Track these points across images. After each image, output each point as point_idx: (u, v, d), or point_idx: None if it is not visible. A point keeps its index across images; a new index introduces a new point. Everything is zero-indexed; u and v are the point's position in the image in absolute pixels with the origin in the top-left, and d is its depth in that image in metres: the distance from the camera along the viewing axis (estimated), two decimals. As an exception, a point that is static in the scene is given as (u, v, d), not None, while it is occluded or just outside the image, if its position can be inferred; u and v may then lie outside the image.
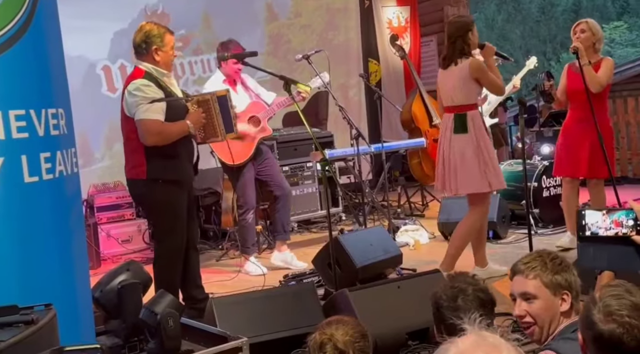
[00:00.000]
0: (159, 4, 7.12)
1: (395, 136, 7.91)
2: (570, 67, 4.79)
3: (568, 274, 2.14)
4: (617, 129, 7.98)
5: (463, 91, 4.14)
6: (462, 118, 4.13)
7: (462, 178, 4.12)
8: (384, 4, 8.66)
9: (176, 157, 3.51)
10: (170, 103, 3.50)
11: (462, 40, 4.11)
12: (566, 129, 4.84)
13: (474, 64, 4.09)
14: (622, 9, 28.41)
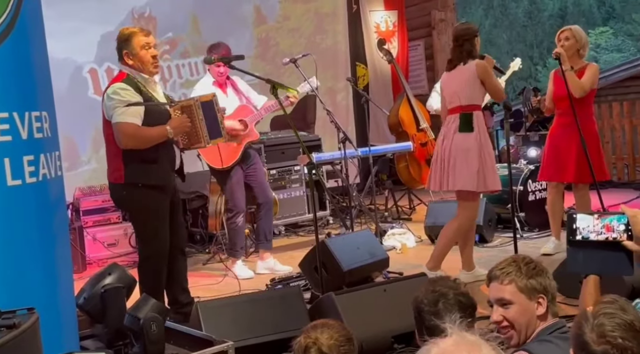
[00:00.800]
0: (147, 7, 7.10)
1: (383, 139, 7.93)
2: (556, 72, 4.82)
3: (542, 278, 2.17)
4: (601, 133, 8.03)
5: (470, 91, 4.21)
6: (468, 117, 4.19)
7: (461, 174, 4.16)
8: (372, 9, 8.69)
9: (156, 162, 3.48)
10: (150, 108, 3.47)
11: (469, 44, 4.21)
12: (552, 133, 4.88)
13: (480, 65, 4.17)
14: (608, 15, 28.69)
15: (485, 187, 4.21)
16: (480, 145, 4.16)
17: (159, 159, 3.49)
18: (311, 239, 5.41)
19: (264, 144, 6.38)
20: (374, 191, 6.23)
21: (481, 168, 4.14)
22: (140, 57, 3.49)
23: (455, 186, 4.23)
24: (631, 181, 7.74)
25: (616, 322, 1.56)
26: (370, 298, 3.32)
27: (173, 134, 3.47)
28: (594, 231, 1.82)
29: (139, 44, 3.49)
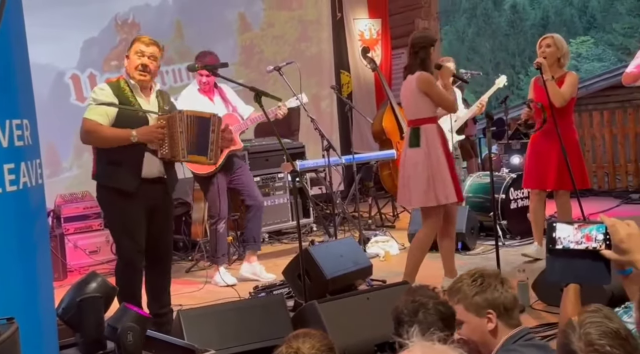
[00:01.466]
0: (130, 13, 7.08)
1: (366, 147, 7.96)
2: (537, 81, 4.88)
3: (488, 294, 2.20)
4: (582, 142, 8.13)
5: (413, 105, 4.17)
6: (416, 132, 4.16)
7: (414, 191, 4.16)
8: (356, 17, 8.73)
9: (117, 165, 3.48)
10: (124, 112, 3.47)
11: (424, 52, 4.14)
12: (533, 142, 4.92)
13: (421, 77, 4.09)
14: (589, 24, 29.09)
15: (437, 201, 4.11)
16: (428, 160, 4.10)
17: (120, 162, 3.48)
18: (294, 246, 5.41)
19: (247, 151, 6.38)
20: (357, 199, 6.25)
21: (430, 184, 4.10)
22: (130, 61, 3.56)
23: (411, 203, 4.28)
24: (611, 190, 7.83)
25: (602, 330, 1.56)
26: (353, 306, 3.32)
27: (137, 139, 3.43)
28: (574, 241, 1.83)
29: (135, 49, 3.55)
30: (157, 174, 3.58)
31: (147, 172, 3.53)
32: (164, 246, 3.71)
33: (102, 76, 6.86)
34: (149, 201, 3.56)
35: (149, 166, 3.54)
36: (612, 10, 28.54)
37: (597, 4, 29.12)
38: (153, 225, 3.60)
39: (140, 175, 3.51)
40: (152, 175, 3.55)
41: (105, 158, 3.51)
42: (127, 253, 3.54)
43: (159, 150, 3.50)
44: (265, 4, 8.14)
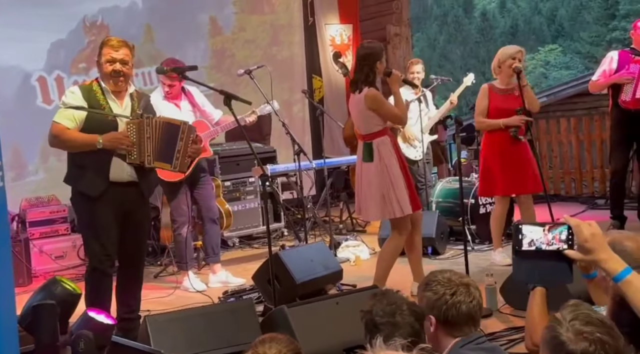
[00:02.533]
0: (99, 15, 6.99)
1: (338, 152, 7.97)
2: (491, 88, 4.92)
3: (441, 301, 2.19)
4: (550, 148, 8.28)
5: (364, 121, 4.15)
6: (369, 146, 4.14)
7: (371, 206, 4.16)
8: (327, 22, 8.75)
9: (83, 169, 3.46)
10: (93, 116, 3.44)
11: (368, 68, 4.07)
12: (503, 148, 4.88)
13: (369, 96, 4.04)
14: (557, 33, 29.65)
15: (393, 215, 4.12)
16: (382, 173, 4.09)
17: (85, 166, 3.45)
18: (265, 251, 5.36)
19: (218, 156, 6.34)
20: (328, 203, 6.25)
21: (387, 197, 4.09)
22: (102, 69, 3.51)
23: (368, 216, 4.29)
24: (578, 195, 7.95)
25: (588, 320, 1.58)
26: (322, 310, 3.31)
27: (102, 144, 3.39)
28: (545, 242, 1.86)
29: (105, 57, 3.49)
30: (128, 179, 3.52)
31: (116, 176, 3.48)
32: (137, 251, 3.66)
33: (69, 78, 6.75)
34: (120, 205, 3.51)
35: (118, 170, 3.48)
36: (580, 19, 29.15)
37: (565, 13, 29.72)
38: (126, 229, 3.55)
39: (108, 179, 3.46)
40: (122, 179, 3.50)
41: (73, 161, 3.51)
42: (95, 257, 3.50)
43: (127, 156, 3.46)
44: (237, 8, 8.11)
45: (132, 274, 3.68)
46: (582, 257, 1.81)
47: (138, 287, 3.74)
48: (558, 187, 8.26)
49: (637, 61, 5.51)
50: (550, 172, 8.28)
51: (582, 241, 1.79)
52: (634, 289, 1.72)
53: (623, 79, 5.47)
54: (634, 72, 5.45)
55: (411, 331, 2.28)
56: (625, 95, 5.48)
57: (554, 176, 8.26)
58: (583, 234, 1.78)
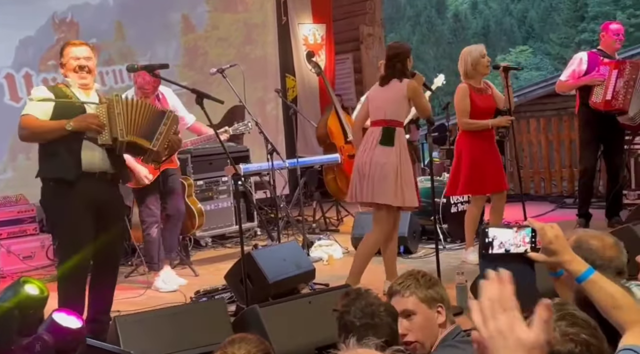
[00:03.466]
0: (68, 12, 6.88)
1: (311, 151, 7.97)
2: (470, 88, 4.96)
3: (439, 288, 2.32)
4: (520, 148, 8.40)
5: (396, 107, 4.28)
6: (391, 132, 4.25)
7: (379, 188, 4.20)
8: (301, 21, 8.75)
9: (55, 156, 3.43)
10: (62, 105, 3.43)
11: (401, 64, 4.31)
12: (482, 147, 4.92)
13: (412, 85, 4.26)
14: (528, 34, 30.05)
15: (402, 203, 4.24)
16: (399, 161, 4.22)
17: (59, 152, 3.42)
18: (238, 250, 5.34)
19: (191, 155, 6.29)
20: (301, 203, 6.25)
21: (399, 183, 4.19)
22: (66, 67, 3.56)
23: (375, 199, 4.26)
24: (547, 194, 8.08)
25: (574, 321, 1.58)
26: (294, 309, 3.31)
27: (72, 127, 3.37)
28: (514, 244, 1.88)
29: (68, 54, 3.56)
30: (100, 168, 3.48)
31: (87, 163, 3.44)
32: (113, 249, 3.62)
33: (38, 76, 6.64)
34: (94, 198, 3.46)
35: (89, 156, 3.44)
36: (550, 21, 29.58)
37: (535, 15, 30.14)
38: (102, 227, 3.51)
39: (80, 165, 3.42)
40: (93, 168, 3.45)
41: (44, 151, 3.49)
42: (68, 254, 3.43)
43: (98, 137, 3.43)
44: (210, 6, 8.06)
45: (107, 274, 3.65)
46: (546, 259, 1.84)
47: (112, 287, 3.71)
48: (528, 187, 8.38)
49: (607, 63, 5.61)
50: (521, 171, 8.39)
51: (546, 243, 1.82)
52: (598, 288, 1.76)
53: (595, 81, 5.55)
54: (604, 74, 5.55)
55: (389, 331, 2.29)
56: (596, 97, 5.58)
57: (524, 176, 8.37)
58: (547, 237, 1.81)
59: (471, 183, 4.96)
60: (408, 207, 4.41)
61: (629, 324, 1.66)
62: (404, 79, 4.28)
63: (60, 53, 3.63)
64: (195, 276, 5.23)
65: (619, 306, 1.69)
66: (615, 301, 1.69)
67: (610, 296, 1.70)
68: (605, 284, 1.74)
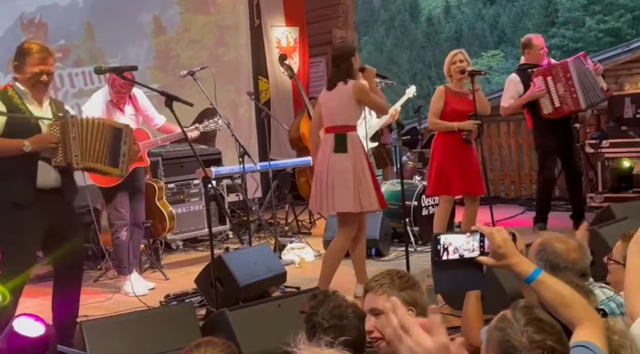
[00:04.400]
0: (37, 13, 6.77)
1: (285, 154, 7.97)
2: (448, 90, 4.99)
3: (413, 291, 2.29)
4: (490, 151, 8.50)
5: (345, 112, 4.24)
6: (342, 138, 4.21)
7: (339, 197, 4.18)
8: (274, 24, 8.74)
9: (8, 175, 3.31)
10: (14, 120, 3.33)
11: (345, 64, 4.25)
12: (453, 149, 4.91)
13: (357, 86, 4.20)
14: (499, 39, 30.43)
15: (361, 208, 4.21)
16: (355, 166, 4.19)
17: (11, 173, 3.32)
18: (209, 254, 5.32)
19: (162, 157, 6.24)
20: (274, 206, 6.23)
21: (356, 189, 4.17)
22: (27, 77, 3.42)
23: (335, 209, 4.25)
24: (517, 197, 8.18)
25: (541, 326, 1.61)
26: (264, 313, 3.30)
27: (30, 148, 3.29)
28: (468, 249, 1.90)
29: (33, 60, 3.41)
30: (54, 184, 3.43)
31: (42, 182, 3.39)
32: (74, 256, 3.56)
33: (5, 78, 6.50)
34: (48, 213, 3.41)
35: (44, 175, 3.39)
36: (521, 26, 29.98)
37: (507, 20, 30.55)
38: (59, 236, 3.46)
39: (35, 185, 3.35)
40: (47, 185, 3.40)
41: None
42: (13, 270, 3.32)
43: (52, 158, 3.36)
44: (182, 8, 8.00)
45: (71, 280, 3.59)
46: (495, 262, 1.87)
47: (78, 293, 3.65)
48: (498, 190, 8.48)
49: (537, 73, 5.69)
50: (491, 174, 8.49)
51: (495, 248, 1.84)
52: (546, 287, 1.79)
53: (536, 95, 5.64)
54: (541, 86, 5.64)
55: (357, 333, 2.30)
56: (545, 108, 5.69)
57: (495, 179, 8.47)
58: (496, 241, 1.83)
59: (438, 184, 4.96)
60: (367, 211, 4.34)
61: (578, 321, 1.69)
62: (350, 80, 4.22)
63: (19, 55, 3.45)
64: (166, 280, 5.20)
65: (568, 304, 1.72)
66: (564, 299, 1.73)
67: (558, 295, 1.74)
68: (554, 283, 1.77)
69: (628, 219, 4.52)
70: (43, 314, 3.35)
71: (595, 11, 27.89)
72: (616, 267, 2.62)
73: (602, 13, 27.78)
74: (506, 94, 5.90)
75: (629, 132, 6.64)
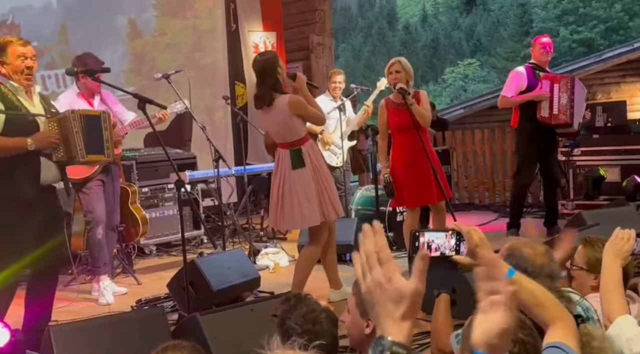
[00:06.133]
0: (9, 14, 6.68)
1: (262, 159, 7.94)
2: (388, 103, 4.92)
3: None
4: (465, 158, 8.58)
5: (290, 129, 4.09)
6: (298, 153, 4.09)
7: (306, 212, 4.09)
8: (251, 29, 8.73)
9: (12, 173, 3.31)
10: (13, 117, 3.30)
11: (272, 78, 4.02)
12: (404, 160, 4.85)
13: (292, 101, 4.01)
14: (475, 48, 30.81)
15: (324, 218, 4.15)
16: (316, 177, 4.11)
17: (15, 170, 3.31)
18: (182, 259, 5.29)
19: (136, 161, 6.19)
20: (248, 210, 6.21)
21: (325, 199, 4.13)
22: (15, 66, 3.40)
23: (303, 225, 4.20)
24: (491, 204, 8.26)
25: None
26: (236, 317, 3.27)
27: (34, 146, 3.31)
28: (448, 248, 1.92)
29: (14, 53, 3.41)
30: (53, 180, 3.46)
31: (44, 178, 3.40)
32: (56, 257, 3.54)
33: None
34: (47, 211, 3.44)
35: (45, 171, 3.41)
36: (497, 36, 30.41)
37: (482, 29, 30.95)
38: (47, 235, 3.45)
39: (39, 182, 3.36)
40: (48, 181, 3.44)
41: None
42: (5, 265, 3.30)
43: (53, 154, 3.36)
44: (158, 11, 7.96)
45: (48, 282, 3.57)
46: (471, 262, 1.88)
47: (53, 295, 3.64)
48: (472, 196, 8.56)
49: (547, 77, 5.78)
50: (466, 181, 8.57)
51: (472, 247, 1.86)
52: (519, 287, 1.80)
53: (542, 97, 5.68)
54: (547, 89, 5.72)
55: (330, 338, 2.30)
56: (543, 111, 5.73)
57: (469, 185, 8.55)
58: (474, 240, 1.84)
59: (396, 195, 4.93)
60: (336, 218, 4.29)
61: (551, 321, 1.71)
62: (281, 96, 4.03)
63: (1, 51, 3.44)
64: (138, 285, 5.14)
65: (541, 304, 1.73)
66: (537, 299, 1.74)
67: (531, 295, 1.75)
68: (527, 284, 1.79)
69: (599, 225, 4.57)
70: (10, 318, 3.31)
71: (569, 22, 28.40)
72: (579, 272, 2.66)
73: (576, 24, 28.30)
74: (510, 84, 5.86)
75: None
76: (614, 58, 11.15)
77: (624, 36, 26.28)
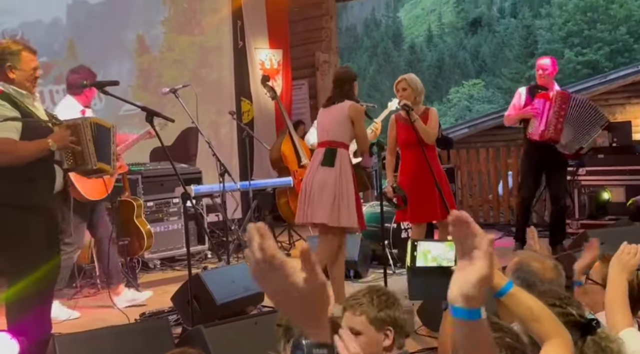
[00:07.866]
0: (19, 29, 6.76)
1: (266, 174, 7.97)
2: (398, 118, 4.96)
3: (392, 311, 2.26)
4: (470, 177, 8.59)
5: (339, 128, 4.30)
6: (332, 152, 4.28)
7: (318, 207, 4.22)
8: (257, 46, 8.81)
9: (34, 182, 3.29)
10: (29, 125, 3.32)
11: (348, 86, 4.37)
12: (410, 176, 4.87)
13: (354, 107, 4.32)
14: (481, 68, 30.95)
15: (338, 223, 4.22)
16: (339, 181, 4.23)
17: (36, 177, 3.30)
18: (187, 273, 5.28)
19: (141, 175, 6.21)
20: (253, 226, 6.21)
21: (336, 203, 4.20)
22: (26, 75, 3.40)
23: (313, 218, 4.30)
24: (495, 222, 8.25)
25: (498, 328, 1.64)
26: (240, 330, 3.28)
27: (56, 147, 3.31)
28: (446, 258, 1.92)
29: (27, 62, 3.41)
30: (59, 189, 3.48)
31: (57, 187, 3.45)
32: (57, 266, 3.55)
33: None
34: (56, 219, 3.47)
35: (59, 179, 3.46)
36: (502, 56, 30.55)
37: (488, 50, 31.11)
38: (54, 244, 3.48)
39: (54, 188, 3.39)
40: (57, 189, 3.46)
41: (20, 176, 3.25)
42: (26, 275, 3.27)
43: (64, 161, 3.38)
44: (165, 28, 8.05)
45: (49, 294, 3.56)
46: None
47: (51, 308, 3.62)
48: (477, 215, 8.54)
49: (541, 96, 5.89)
50: (470, 199, 8.56)
51: None
52: (517, 301, 1.80)
53: (528, 114, 5.86)
54: (539, 107, 5.82)
55: (335, 351, 2.29)
56: (532, 128, 5.86)
57: (474, 204, 8.55)
58: None
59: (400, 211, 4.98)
60: (351, 228, 4.36)
61: (547, 336, 1.71)
62: (348, 101, 4.32)
63: (8, 55, 3.40)
64: (142, 298, 5.12)
65: (537, 319, 1.73)
66: (534, 314, 1.74)
67: (528, 309, 1.75)
68: (525, 298, 1.78)
69: (604, 244, 4.56)
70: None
71: (574, 44, 28.53)
72: (594, 287, 2.65)
73: (581, 46, 28.43)
74: (512, 103, 6.16)
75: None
76: (619, 79, 11.21)
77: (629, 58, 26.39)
